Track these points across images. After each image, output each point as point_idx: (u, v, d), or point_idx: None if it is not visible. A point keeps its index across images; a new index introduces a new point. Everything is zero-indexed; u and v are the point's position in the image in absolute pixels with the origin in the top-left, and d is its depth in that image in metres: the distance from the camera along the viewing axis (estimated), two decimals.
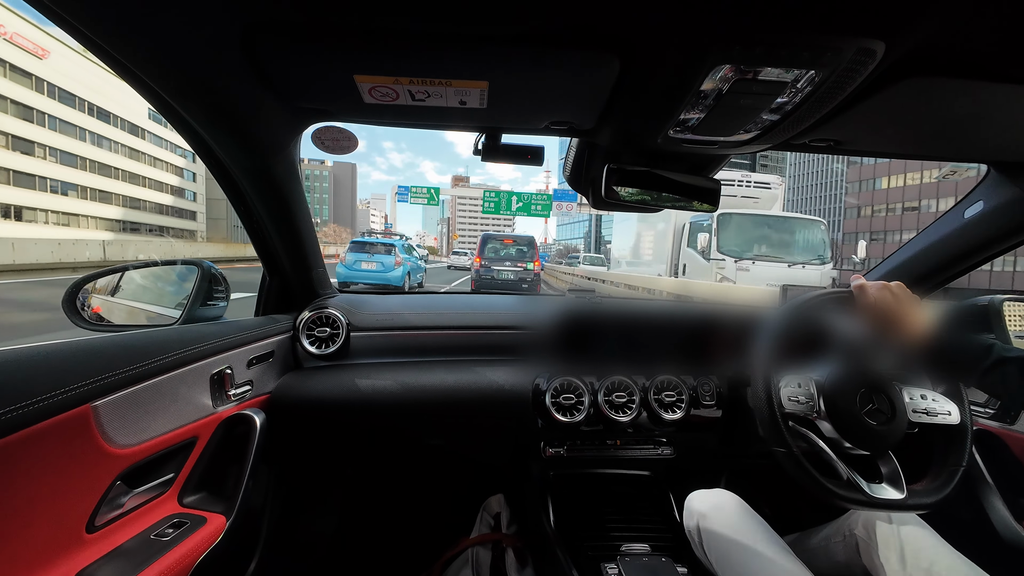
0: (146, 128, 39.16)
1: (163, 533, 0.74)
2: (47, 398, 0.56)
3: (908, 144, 0.88)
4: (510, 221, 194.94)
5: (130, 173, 37.85)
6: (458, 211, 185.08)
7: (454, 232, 37.50)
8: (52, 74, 30.07)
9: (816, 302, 0.87)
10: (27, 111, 28.69)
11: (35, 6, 0.51)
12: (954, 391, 0.83)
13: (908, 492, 0.78)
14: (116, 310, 1.14)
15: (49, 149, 30.59)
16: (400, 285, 10.33)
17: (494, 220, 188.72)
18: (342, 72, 0.64)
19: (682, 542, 1.02)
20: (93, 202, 34.53)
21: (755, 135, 0.76)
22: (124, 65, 0.63)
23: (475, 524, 1.39)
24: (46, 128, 30.18)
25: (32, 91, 29.00)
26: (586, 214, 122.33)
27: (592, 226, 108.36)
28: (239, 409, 0.95)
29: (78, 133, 32.76)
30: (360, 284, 9.96)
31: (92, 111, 33.95)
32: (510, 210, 22.63)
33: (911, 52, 0.56)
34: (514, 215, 23.67)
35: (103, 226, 35.49)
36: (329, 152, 0.97)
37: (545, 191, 24.86)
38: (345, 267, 10.08)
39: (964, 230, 1.06)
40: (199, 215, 47.41)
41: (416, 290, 10.55)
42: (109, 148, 35.77)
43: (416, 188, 24.02)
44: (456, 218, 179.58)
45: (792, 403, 0.82)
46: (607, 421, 1.13)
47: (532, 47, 0.58)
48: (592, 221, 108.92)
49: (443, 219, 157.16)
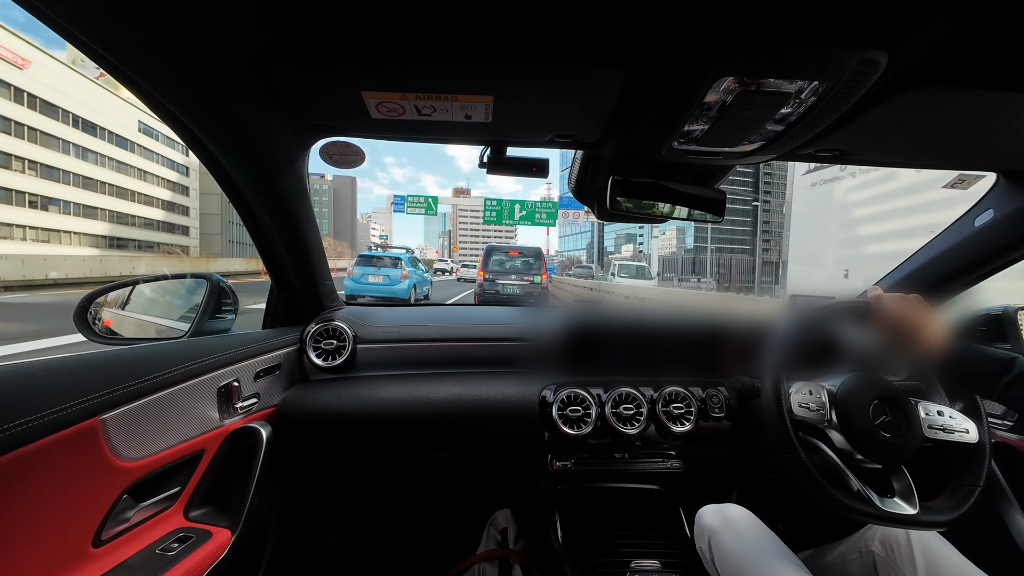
0: (135, 141, 37.49)
1: (168, 548, 0.73)
2: (58, 411, 0.56)
3: (915, 153, 0.88)
4: (512, 232, 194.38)
5: (118, 187, 36.13)
6: (459, 222, 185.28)
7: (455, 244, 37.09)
8: (33, 85, 28.31)
9: (829, 311, 0.86)
10: (5, 122, 27.13)
11: (55, 29, 0.53)
12: (972, 408, 0.81)
13: (922, 508, 0.75)
14: (126, 323, 1.16)
15: (28, 163, 29.00)
16: (406, 298, 10.57)
17: (496, 231, 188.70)
18: (350, 89, 0.66)
19: (693, 558, 1.00)
20: (77, 217, 32.82)
21: (760, 145, 0.76)
22: (139, 85, 0.64)
23: (482, 539, 1.37)
24: (25, 140, 28.49)
25: (10, 102, 27.26)
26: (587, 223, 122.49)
27: (594, 236, 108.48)
28: (245, 422, 0.95)
29: (61, 146, 31.08)
30: (367, 297, 10.17)
31: (77, 123, 32.31)
32: (513, 219, 21.68)
33: (915, 62, 0.56)
34: (517, 224, 22.60)
35: (88, 242, 33.74)
36: (337, 167, 0.98)
37: (549, 199, 24.32)
38: (353, 280, 10.39)
39: (974, 239, 1.05)
40: (192, 230, 46.18)
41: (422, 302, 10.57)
42: (95, 161, 33.82)
43: (413, 198, 22.94)
44: (457, 229, 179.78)
45: (803, 409, 0.80)
46: (615, 434, 1.11)
47: (536, 62, 0.59)
48: (594, 231, 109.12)
49: (444, 232, 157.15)
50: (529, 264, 10.75)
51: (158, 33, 0.55)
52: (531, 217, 21.62)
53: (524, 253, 11.02)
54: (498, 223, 21.73)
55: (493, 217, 21.68)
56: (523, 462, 1.24)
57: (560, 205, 21.98)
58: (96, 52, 0.57)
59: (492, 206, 21.66)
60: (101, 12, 0.51)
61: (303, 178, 1.01)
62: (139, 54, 0.59)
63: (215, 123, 0.76)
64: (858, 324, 0.86)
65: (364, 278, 10.40)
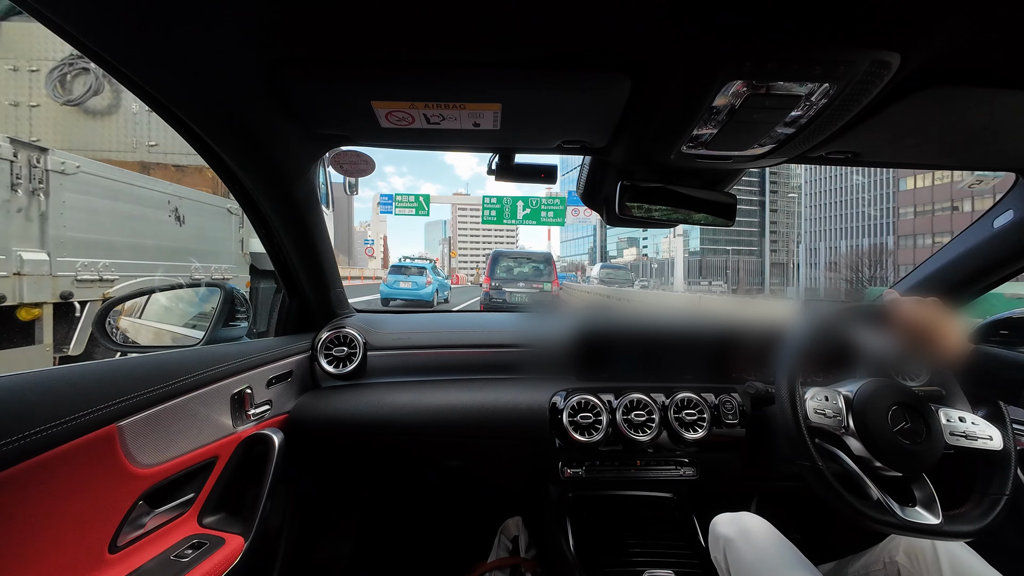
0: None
1: (183, 554, 0.74)
2: (76, 418, 0.57)
3: (930, 154, 0.86)
4: (512, 232, 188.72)
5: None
6: (459, 226, 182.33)
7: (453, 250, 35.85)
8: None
9: (845, 315, 0.84)
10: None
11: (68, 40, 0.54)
12: (996, 414, 0.78)
13: (945, 518, 0.72)
14: (143, 331, 1.18)
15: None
16: (430, 300, 12.92)
17: (496, 233, 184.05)
18: (360, 99, 0.66)
19: (708, 568, 0.98)
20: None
21: (770, 148, 0.75)
22: (154, 97, 0.66)
23: (493, 547, 1.36)
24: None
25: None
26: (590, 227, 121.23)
27: (596, 240, 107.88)
28: (258, 429, 0.96)
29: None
30: (399, 300, 12.61)
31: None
32: (515, 218, 18.82)
33: (929, 62, 0.55)
34: (520, 224, 19.50)
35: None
36: (348, 175, 1.00)
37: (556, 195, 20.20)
38: (387, 286, 12.79)
39: (994, 240, 1.03)
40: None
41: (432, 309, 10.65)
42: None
43: (402, 196, 19.82)
44: (457, 235, 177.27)
45: (819, 416, 0.78)
46: (626, 441, 1.10)
47: (544, 70, 0.59)
48: (596, 236, 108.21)
49: (445, 239, 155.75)
50: (539, 270, 10.37)
51: (172, 46, 0.56)
52: (536, 216, 18.79)
53: (533, 258, 10.65)
54: (499, 223, 19.06)
55: (493, 216, 18.79)
56: (533, 470, 1.23)
57: (569, 201, 18.89)
58: (109, 63, 0.58)
59: (491, 204, 18.81)
60: (114, 24, 0.53)
61: (314, 187, 1.02)
62: (153, 66, 0.60)
63: (230, 135, 0.78)
64: (875, 328, 0.84)
65: (396, 284, 12.81)
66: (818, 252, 35.05)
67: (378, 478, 1.48)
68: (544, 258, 10.76)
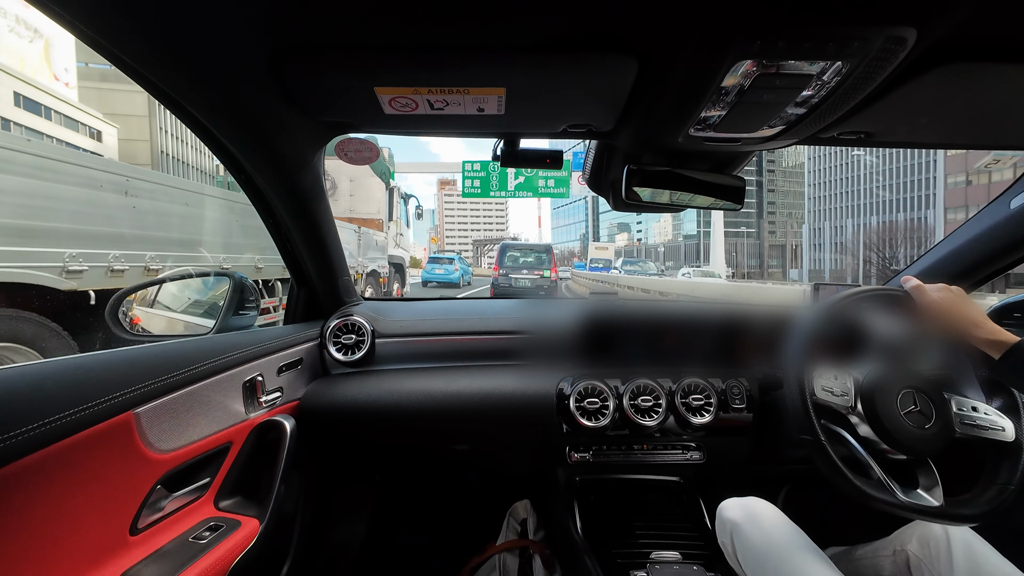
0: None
1: (200, 536, 0.76)
2: (93, 405, 0.59)
3: (946, 133, 0.84)
4: (502, 206, 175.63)
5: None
6: (445, 212, 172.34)
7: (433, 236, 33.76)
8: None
9: (858, 299, 0.83)
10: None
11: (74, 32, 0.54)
12: (1011, 405, 0.77)
13: (947, 502, 0.72)
14: (155, 320, 1.20)
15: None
16: (458, 282, 17.83)
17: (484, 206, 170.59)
18: (363, 86, 0.66)
19: (715, 551, 0.99)
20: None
21: (780, 130, 0.74)
22: (157, 87, 0.66)
23: (502, 530, 1.38)
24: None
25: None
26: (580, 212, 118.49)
27: (588, 226, 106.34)
28: (270, 415, 0.97)
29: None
30: (434, 282, 17.49)
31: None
32: (505, 189, 14.19)
33: (945, 37, 0.53)
34: (511, 196, 14.51)
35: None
36: (352, 163, 1.00)
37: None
38: (426, 272, 17.96)
39: (1011, 221, 1.00)
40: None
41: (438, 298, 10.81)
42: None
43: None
44: (444, 223, 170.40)
45: (826, 393, 0.78)
46: (633, 425, 1.11)
47: (549, 53, 0.58)
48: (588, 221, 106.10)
49: (432, 228, 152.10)
50: (540, 259, 12.16)
51: (176, 35, 0.56)
52: (531, 186, 14.08)
53: (536, 249, 12.57)
54: (484, 195, 14.58)
55: (476, 188, 14.35)
56: (541, 454, 1.24)
57: (575, 166, 12.02)
58: (114, 54, 0.58)
59: (474, 172, 14.22)
60: (117, 14, 0.53)
61: (319, 175, 1.02)
62: (157, 57, 0.60)
63: (234, 125, 0.77)
64: (891, 313, 0.83)
65: (432, 270, 17.80)
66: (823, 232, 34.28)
67: (388, 463, 1.51)
68: (544, 249, 12.52)
